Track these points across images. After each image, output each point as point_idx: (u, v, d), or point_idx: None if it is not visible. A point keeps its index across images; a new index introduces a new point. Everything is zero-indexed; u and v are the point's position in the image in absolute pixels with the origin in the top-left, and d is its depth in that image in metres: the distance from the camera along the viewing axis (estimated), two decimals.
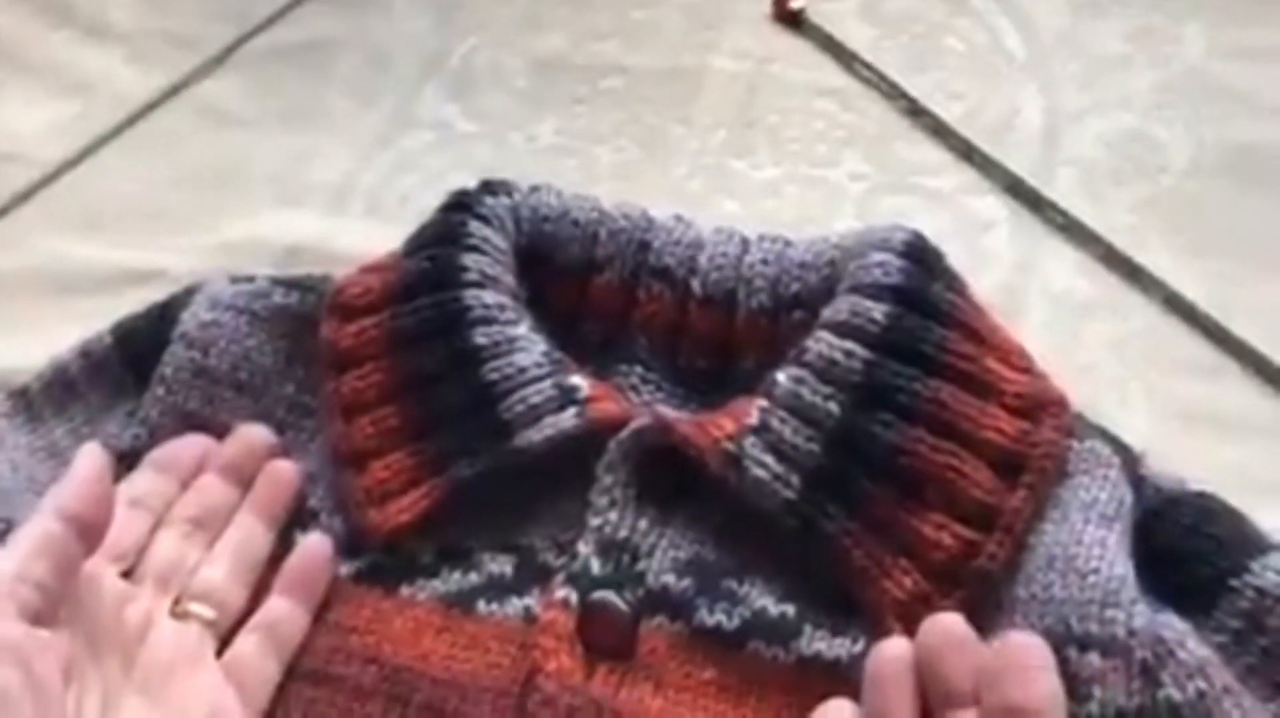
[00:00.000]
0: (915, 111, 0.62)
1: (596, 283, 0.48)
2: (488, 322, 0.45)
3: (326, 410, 0.46)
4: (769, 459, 0.41)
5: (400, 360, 0.45)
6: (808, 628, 0.40)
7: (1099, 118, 0.61)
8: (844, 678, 0.39)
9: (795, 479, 0.41)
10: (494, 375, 0.44)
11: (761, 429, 0.42)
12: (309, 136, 0.64)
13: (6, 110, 0.66)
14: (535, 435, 0.43)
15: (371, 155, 0.62)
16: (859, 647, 0.40)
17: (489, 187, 0.48)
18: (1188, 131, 0.60)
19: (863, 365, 0.42)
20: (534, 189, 0.49)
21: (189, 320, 0.47)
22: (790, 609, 0.41)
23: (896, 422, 0.41)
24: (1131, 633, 0.38)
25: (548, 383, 0.44)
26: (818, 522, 0.41)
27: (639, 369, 0.48)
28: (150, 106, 0.65)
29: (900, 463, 0.41)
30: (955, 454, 0.41)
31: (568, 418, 0.43)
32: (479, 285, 0.45)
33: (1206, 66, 0.62)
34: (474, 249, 0.46)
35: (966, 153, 0.60)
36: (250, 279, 0.49)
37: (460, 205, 0.48)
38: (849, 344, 0.42)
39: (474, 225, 0.47)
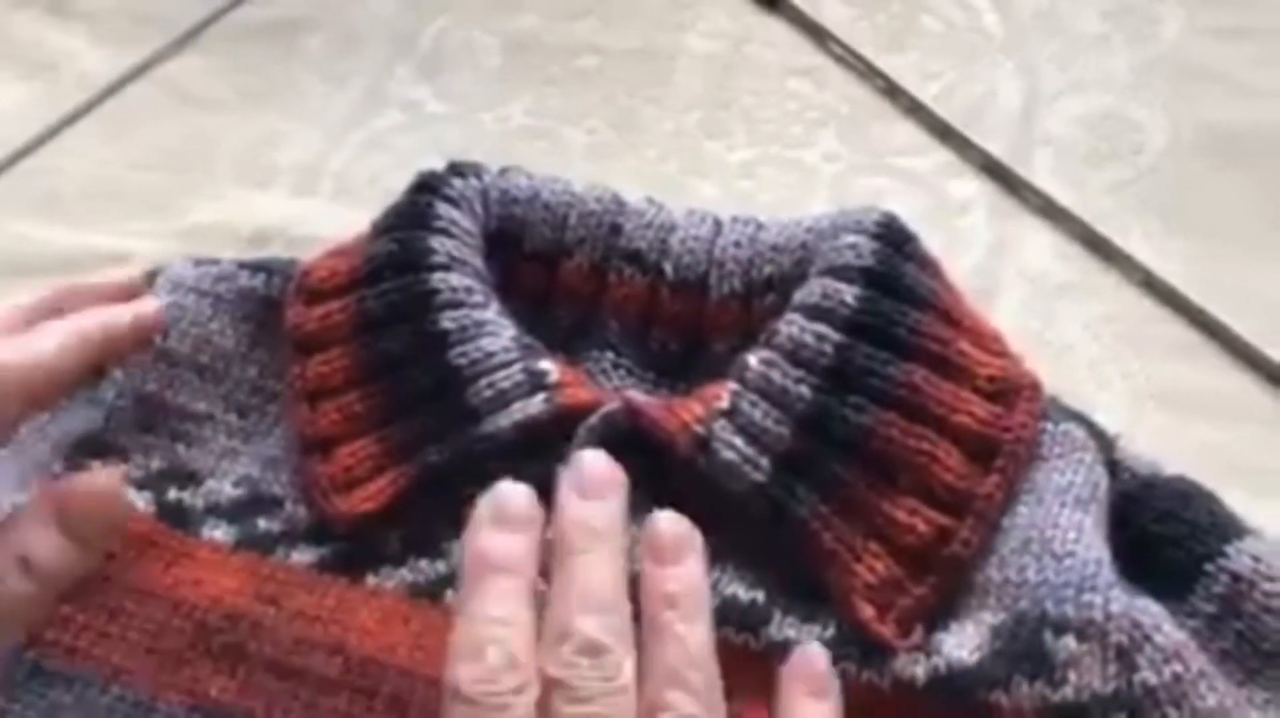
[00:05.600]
0: (891, 92, 0.62)
1: (566, 267, 0.47)
2: (455, 305, 0.44)
3: (291, 395, 0.45)
4: (738, 442, 0.41)
5: (366, 345, 0.44)
6: (777, 615, 0.40)
7: (1076, 98, 0.61)
8: None
9: (765, 462, 0.41)
10: (461, 360, 0.43)
11: (731, 412, 0.41)
12: (277, 117, 0.63)
13: None
14: (504, 421, 0.42)
15: (341, 136, 0.61)
16: (829, 632, 0.40)
17: (457, 169, 0.48)
18: (1165, 112, 0.60)
19: (834, 349, 0.42)
20: (503, 171, 0.48)
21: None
22: (760, 596, 0.41)
23: (868, 405, 0.41)
24: (1108, 617, 0.38)
25: (516, 368, 0.43)
26: (787, 504, 0.41)
27: (610, 354, 0.47)
28: (115, 87, 0.64)
29: (872, 447, 0.41)
30: (927, 438, 0.41)
31: (536, 403, 0.42)
32: (446, 268, 0.44)
33: (1185, 46, 0.62)
34: (442, 232, 0.45)
35: (942, 133, 0.60)
36: (214, 262, 0.48)
37: (428, 188, 0.47)
38: (820, 327, 0.42)
39: (442, 208, 0.46)
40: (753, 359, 0.42)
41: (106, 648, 0.42)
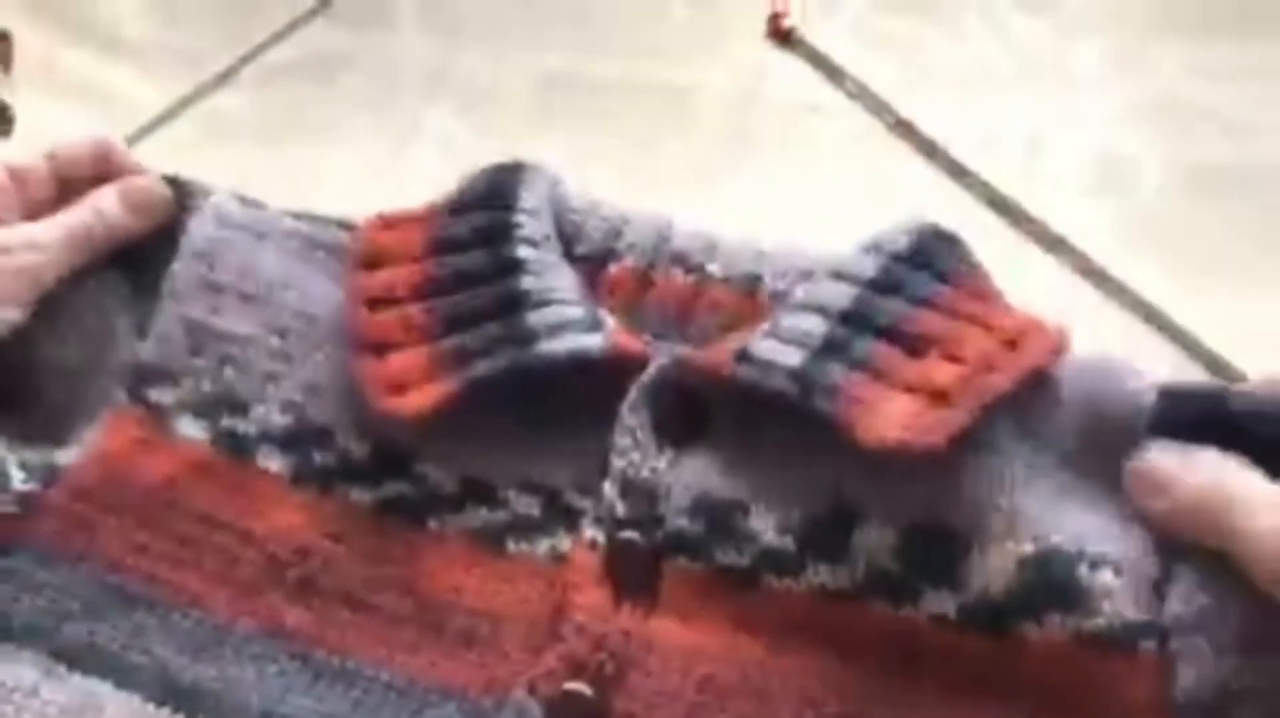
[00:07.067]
0: (902, 128, 0.64)
1: (615, 268, 0.48)
2: (532, 244, 0.46)
3: (349, 300, 0.46)
4: (772, 343, 0.42)
5: (438, 263, 0.46)
6: (809, 562, 0.41)
7: (1077, 135, 0.64)
8: (851, 607, 0.40)
9: (798, 354, 0.42)
10: (531, 285, 0.45)
11: (772, 329, 0.43)
12: (316, 152, 0.65)
13: (24, 122, 0.67)
14: (559, 347, 0.43)
15: (378, 172, 0.64)
16: (859, 573, 0.40)
17: (526, 164, 0.49)
18: (1162, 148, 0.63)
19: (876, 268, 0.44)
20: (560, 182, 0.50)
21: (197, 234, 0.48)
22: (790, 542, 0.41)
23: (906, 307, 0.43)
24: (1144, 553, 0.39)
25: (580, 307, 0.44)
26: (816, 379, 0.41)
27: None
28: (159, 121, 0.67)
29: (905, 330, 0.42)
30: (960, 330, 0.42)
31: (593, 340, 0.43)
32: (530, 214, 0.46)
33: (1180, 86, 0.65)
34: (523, 206, 0.47)
35: (950, 168, 0.62)
36: (260, 205, 0.50)
37: (506, 169, 0.49)
38: (866, 258, 0.44)
39: (519, 184, 0.48)
40: (799, 288, 0.44)
41: (182, 575, 0.43)
